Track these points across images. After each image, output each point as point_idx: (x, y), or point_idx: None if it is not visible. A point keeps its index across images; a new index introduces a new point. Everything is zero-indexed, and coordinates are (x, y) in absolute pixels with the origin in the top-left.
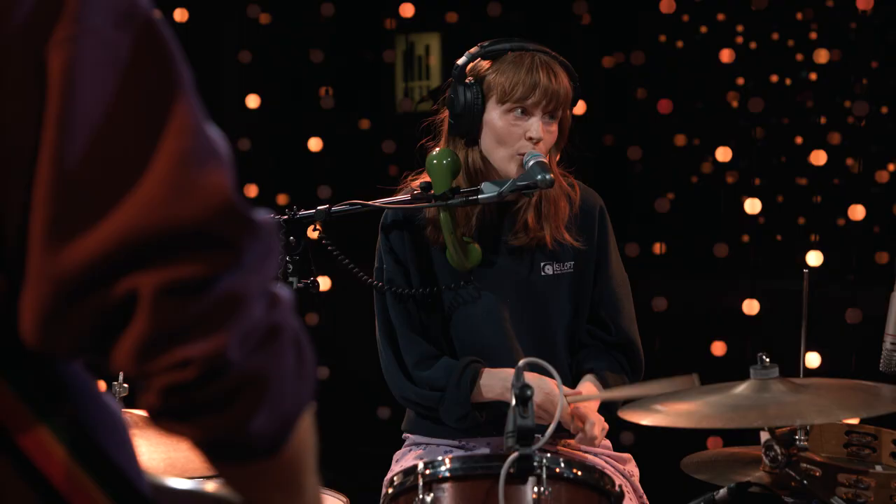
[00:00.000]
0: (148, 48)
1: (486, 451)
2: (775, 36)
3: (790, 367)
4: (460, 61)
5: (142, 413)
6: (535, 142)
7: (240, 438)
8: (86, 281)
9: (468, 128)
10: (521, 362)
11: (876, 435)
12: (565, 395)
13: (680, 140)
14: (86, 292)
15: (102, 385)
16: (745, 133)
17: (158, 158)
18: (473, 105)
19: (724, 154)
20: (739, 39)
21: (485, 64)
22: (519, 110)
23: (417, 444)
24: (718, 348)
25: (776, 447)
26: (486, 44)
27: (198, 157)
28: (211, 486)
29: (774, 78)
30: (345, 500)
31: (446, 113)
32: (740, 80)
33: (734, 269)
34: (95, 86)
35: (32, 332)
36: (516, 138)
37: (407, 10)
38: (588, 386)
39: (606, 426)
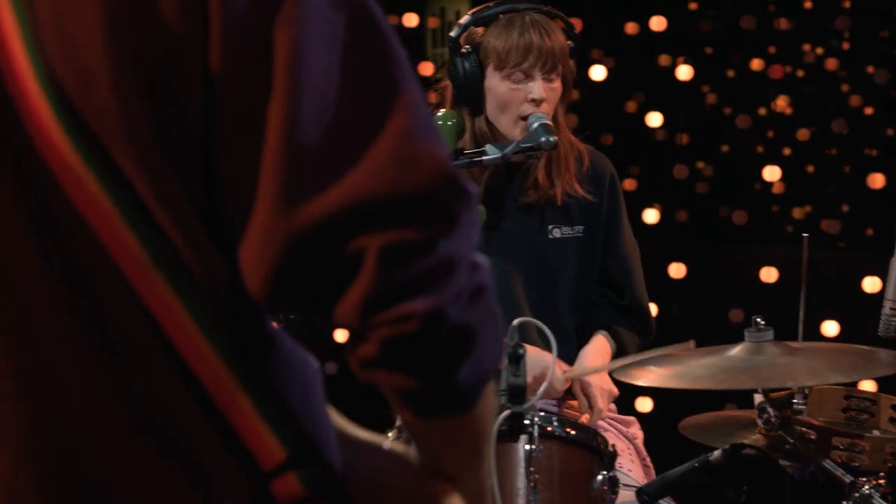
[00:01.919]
0: (364, 27)
1: None
2: (808, 4)
3: (807, 334)
4: (453, 33)
5: None
6: (538, 103)
7: (446, 386)
8: (317, 239)
9: (471, 97)
10: (514, 322)
11: (875, 400)
12: (563, 372)
13: (702, 107)
14: (317, 250)
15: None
16: (766, 101)
17: (386, 131)
18: (473, 75)
19: (744, 122)
20: (772, 8)
21: (479, 31)
22: (517, 74)
23: None
24: (736, 315)
25: (769, 409)
26: (476, 10)
27: (420, 131)
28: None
29: (807, 47)
30: None
31: (449, 82)
32: (771, 49)
33: (753, 237)
34: (321, 61)
35: (261, 286)
36: (519, 102)
37: None
38: (600, 340)
39: (615, 391)
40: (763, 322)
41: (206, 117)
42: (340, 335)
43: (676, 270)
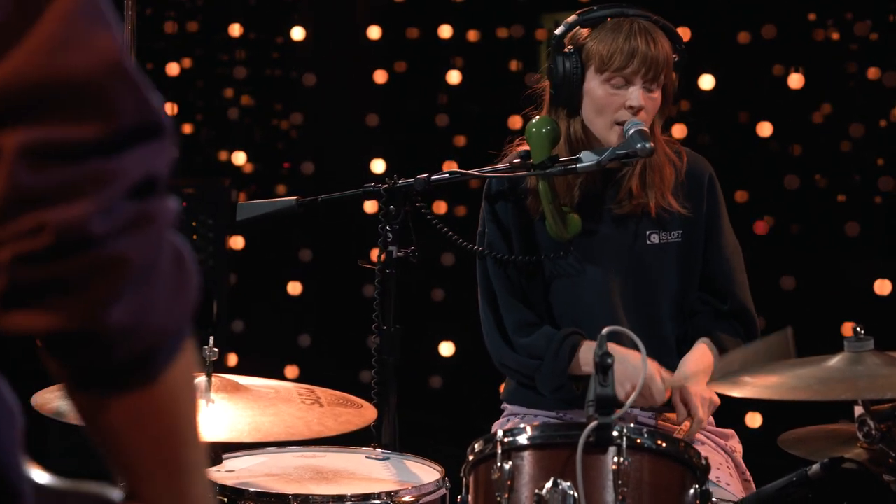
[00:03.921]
0: None
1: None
2: None
3: None
4: (558, 31)
5: (230, 377)
6: (636, 111)
7: (96, 332)
8: None
9: (568, 98)
10: (604, 330)
11: None
12: (664, 380)
13: (812, 117)
14: None
15: None
16: (883, 110)
17: (47, 14)
18: (572, 75)
19: (857, 131)
20: (893, 18)
21: (584, 32)
22: (618, 79)
23: (515, 415)
24: (848, 329)
25: (870, 422)
26: (584, 11)
27: (88, 17)
28: (91, 486)
29: None
30: (440, 469)
31: (548, 83)
32: (891, 58)
33: (867, 249)
34: None
35: None
36: (616, 108)
37: None
38: (702, 348)
39: (716, 401)
40: (863, 331)
41: None
42: (445, 349)
43: (787, 283)
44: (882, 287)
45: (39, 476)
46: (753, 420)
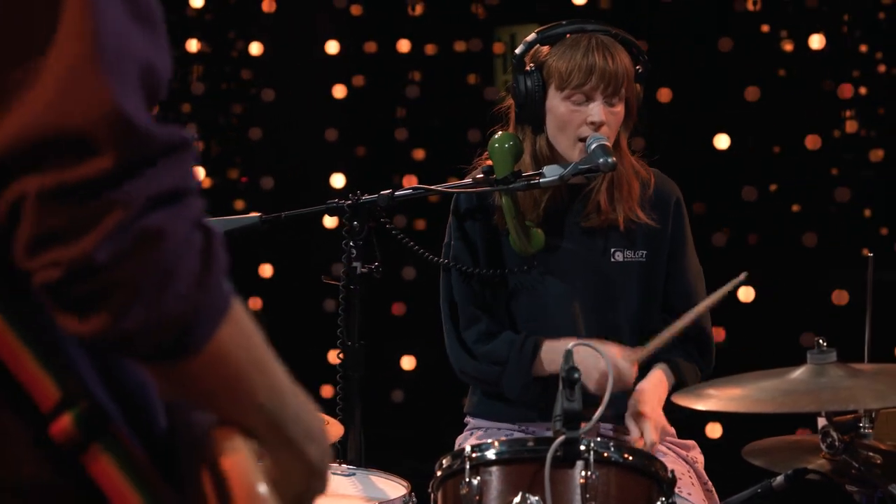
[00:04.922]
0: None
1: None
2: (881, 15)
3: (877, 356)
4: (518, 50)
5: None
6: (598, 126)
7: (118, 334)
8: None
9: (532, 116)
10: (569, 345)
11: None
12: (627, 357)
13: (768, 129)
14: None
15: None
16: (837, 121)
17: (51, 62)
18: (534, 93)
19: (813, 142)
20: (846, 30)
21: (544, 49)
22: (578, 96)
23: (479, 428)
24: (807, 339)
25: (833, 433)
26: (543, 28)
27: (92, 63)
28: None
29: (882, 68)
30: (406, 485)
31: (512, 101)
32: (844, 69)
33: (823, 259)
34: None
35: None
36: (578, 124)
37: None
38: (657, 374)
39: (669, 429)
40: (825, 343)
41: None
42: (406, 363)
43: (746, 294)
44: (839, 297)
45: None
46: (714, 430)
